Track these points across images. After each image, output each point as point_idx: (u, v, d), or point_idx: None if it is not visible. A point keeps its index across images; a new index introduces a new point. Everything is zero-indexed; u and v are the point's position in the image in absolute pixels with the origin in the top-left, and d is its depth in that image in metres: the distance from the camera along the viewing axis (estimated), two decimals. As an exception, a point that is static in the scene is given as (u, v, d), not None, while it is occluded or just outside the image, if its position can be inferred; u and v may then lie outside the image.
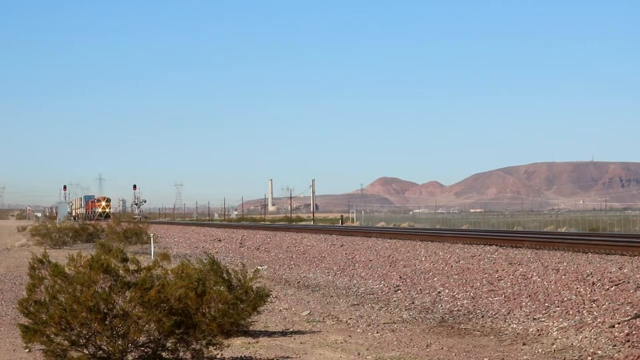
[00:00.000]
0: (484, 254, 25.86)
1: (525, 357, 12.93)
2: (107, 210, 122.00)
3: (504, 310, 17.17)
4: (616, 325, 14.14)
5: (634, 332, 13.60)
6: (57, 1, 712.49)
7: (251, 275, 15.19)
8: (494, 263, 23.41)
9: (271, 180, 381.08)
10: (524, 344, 13.98)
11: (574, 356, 12.85)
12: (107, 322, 10.59)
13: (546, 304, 16.92)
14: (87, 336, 10.70)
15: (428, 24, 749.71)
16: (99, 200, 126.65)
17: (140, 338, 10.94)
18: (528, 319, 16.12)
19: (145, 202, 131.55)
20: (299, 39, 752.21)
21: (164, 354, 11.25)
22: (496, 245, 28.34)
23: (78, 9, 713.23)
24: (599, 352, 12.94)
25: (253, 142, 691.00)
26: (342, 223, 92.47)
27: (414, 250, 29.67)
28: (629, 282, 17.46)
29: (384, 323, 16.64)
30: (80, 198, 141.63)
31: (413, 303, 19.60)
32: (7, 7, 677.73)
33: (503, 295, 18.65)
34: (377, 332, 15.48)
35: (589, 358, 12.68)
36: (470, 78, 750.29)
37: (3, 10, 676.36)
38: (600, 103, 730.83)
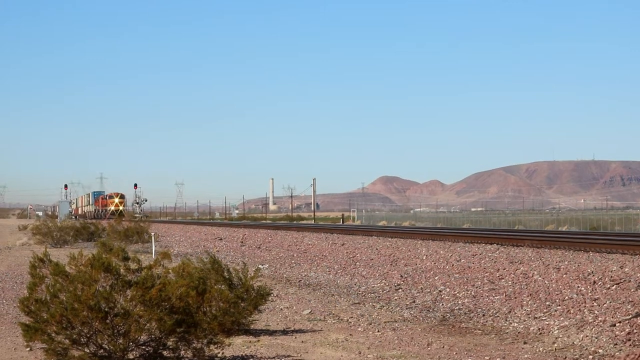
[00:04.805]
0: (485, 252, 25.86)
1: (526, 356, 12.93)
2: (121, 207, 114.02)
3: (505, 309, 17.17)
4: (617, 324, 14.14)
5: (635, 330, 13.60)
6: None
7: (252, 274, 15.18)
8: (495, 262, 23.40)
9: (272, 179, 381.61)
10: (525, 343, 13.98)
11: (575, 355, 12.85)
12: (108, 321, 10.60)
13: (547, 303, 16.92)
14: (88, 335, 10.70)
15: (429, 22, 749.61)
16: (111, 197, 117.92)
17: (142, 337, 10.94)
18: (529, 317, 16.12)
19: (146, 201, 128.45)
20: (300, 37, 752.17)
21: (165, 353, 11.25)
22: (497, 244, 28.35)
23: (79, 6, 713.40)
24: (600, 350, 12.94)
25: (254, 141, 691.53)
26: (343, 222, 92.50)
27: (415, 249, 29.67)
28: (630, 281, 17.46)
29: (385, 322, 16.64)
30: (88, 194, 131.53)
31: (414, 302, 19.60)
32: (8, 5, 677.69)
33: (504, 294, 18.65)
34: (378, 331, 15.48)
35: (590, 357, 12.67)
36: (471, 76, 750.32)
37: (3, 9, 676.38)
38: (601, 102, 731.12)
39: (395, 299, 20.24)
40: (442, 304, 18.87)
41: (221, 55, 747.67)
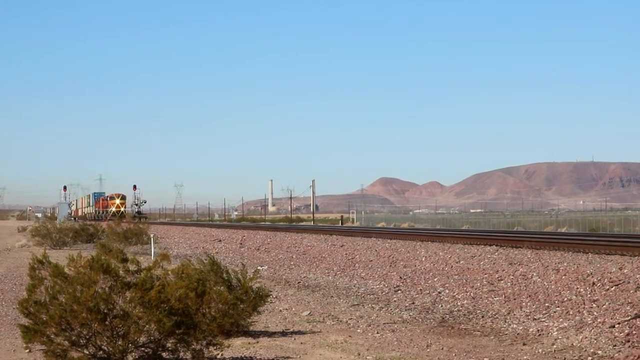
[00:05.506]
0: (484, 254, 25.86)
1: (525, 357, 12.93)
2: (122, 209, 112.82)
3: (504, 311, 17.17)
4: (616, 326, 14.15)
5: (634, 332, 13.61)
6: (59, 0, 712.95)
7: (251, 276, 15.18)
8: (494, 263, 23.41)
9: (271, 180, 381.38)
10: (524, 344, 13.98)
11: (574, 356, 12.85)
12: (107, 323, 10.60)
13: (546, 304, 16.92)
14: (87, 336, 10.70)
15: (428, 23, 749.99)
16: (112, 198, 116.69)
17: (141, 338, 10.94)
18: (528, 319, 16.12)
19: (145, 202, 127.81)
20: (300, 37, 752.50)
21: (164, 354, 11.25)
22: (496, 246, 28.35)
23: (79, 7, 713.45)
24: (599, 352, 12.94)
25: (253, 143, 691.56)
26: (342, 223, 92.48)
27: (414, 250, 29.67)
28: (629, 282, 17.48)
29: (384, 323, 16.64)
30: (89, 195, 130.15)
31: (413, 303, 19.59)
32: (8, 5, 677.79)
33: (503, 296, 18.65)
34: (378, 333, 15.48)
35: (589, 358, 12.68)
36: (470, 77, 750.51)
37: (3, 9, 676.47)
38: (601, 103, 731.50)
39: (395, 301, 20.23)
40: (442, 306, 18.86)
41: (221, 55, 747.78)
